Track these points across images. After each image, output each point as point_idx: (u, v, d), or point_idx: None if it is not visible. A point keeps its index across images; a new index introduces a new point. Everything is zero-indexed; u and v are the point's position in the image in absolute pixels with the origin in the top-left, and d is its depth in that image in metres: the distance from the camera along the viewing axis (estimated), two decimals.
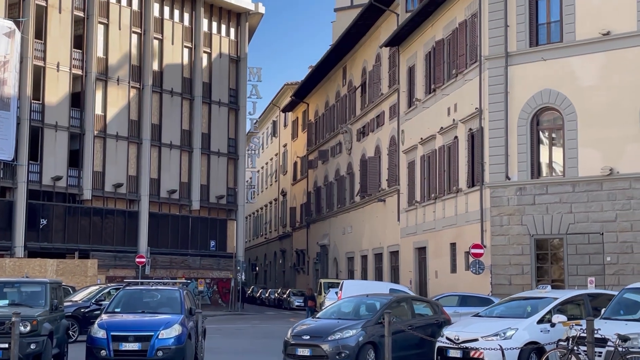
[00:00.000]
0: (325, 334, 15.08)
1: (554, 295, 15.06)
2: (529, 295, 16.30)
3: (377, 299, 16.39)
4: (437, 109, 34.54)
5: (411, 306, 16.66)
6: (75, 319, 22.86)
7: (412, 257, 37.69)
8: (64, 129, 43.44)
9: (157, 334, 14.19)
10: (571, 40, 26.62)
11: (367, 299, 16.68)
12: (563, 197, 26.31)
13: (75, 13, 44.31)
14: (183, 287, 16.25)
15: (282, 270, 73.43)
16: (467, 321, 15.51)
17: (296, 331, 15.67)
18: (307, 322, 16.50)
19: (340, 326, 15.18)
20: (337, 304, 17.23)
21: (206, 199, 50.82)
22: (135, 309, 15.39)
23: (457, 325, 15.34)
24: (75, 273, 35.38)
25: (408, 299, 17.17)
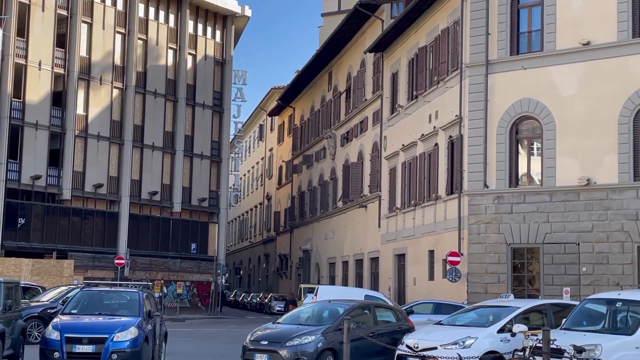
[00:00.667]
0: (283, 340, 14.89)
1: (517, 304, 14.94)
2: (492, 304, 16.16)
3: (340, 305, 16.20)
4: (418, 116, 34.48)
5: (374, 313, 16.47)
6: (42, 320, 22.57)
7: (392, 264, 37.57)
8: (44, 128, 43.11)
9: (112, 337, 13.98)
10: (551, 50, 26.59)
11: (330, 304, 16.49)
12: (540, 206, 26.24)
13: (58, 12, 44.01)
14: (143, 290, 16.02)
15: (266, 274, 73.26)
16: (428, 329, 15.38)
17: (255, 336, 15.47)
18: (267, 327, 16.31)
19: (299, 332, 14.99)
20: (300, 310, 17.04)
21: (188, 201, 50.55)
22: (93, 310, 15.15)
23: (418, 332, 15.20)
24: (51, 273, 35.07)
25: (371, 305, 16.98)
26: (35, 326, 22.40)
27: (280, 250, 66.05)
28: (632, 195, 24.49)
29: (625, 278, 24.14)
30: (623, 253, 24.50)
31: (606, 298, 13.48)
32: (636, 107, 24.73)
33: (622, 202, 24.68)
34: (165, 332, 16.18)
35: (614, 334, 12.41)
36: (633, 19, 25.11)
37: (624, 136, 24.76)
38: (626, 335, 12.16)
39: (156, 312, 14.95)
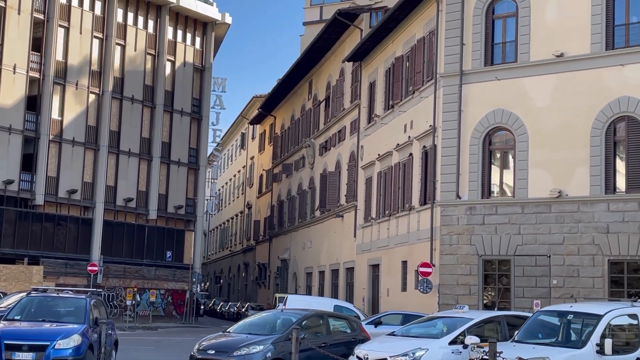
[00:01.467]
0: (231, 349, 14.56)
1: (471, 315, 14.70)
2: (446, 315, 15.91)
3: (294, 314, 15.88)
4: (394, 126, 34.29)
5: (327, 323, 16.16)
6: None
7: (366, 274, 37.31)
8: (18, 132, 42.63)
9: (53, 344, 13.61)
10: (525, 61, 26.48)
11: (283, 314, 16.17)
12: (512, 218, 26.06)
13: (35, 15, 43.62)
14: (91, 297, 15.65)
15: (245, 284, 72.85)
16: (381, 340, 15.11)
17: (202, 345, 15.13)
18: (216, 336, 15.97)
19: (247, 341, 14.66)
20: (253, 319, 16.70)
21: (164, 208, 50.13)
22: (37, 317, 14.79)
23: (370, 343, 14.93)
24: (19, 279, 34.57)
25: (324, 315, 16.65)
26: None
27: (259, 259, 65.70)
28: (603, 208, 24.34)
29: (596, 291, 23.98)
30: (594, 266, 24.34)
31: (558, 310, 13.26)
32: (608, 120, 24.61)
33: (593, 214, 24.53)
34: (115, 340, 15.82)
35: (564, 347, 12.19)
36: (606, 31, 25.02)
37: (596, 148, 24.63)
38: (575, 349, 11.94)
39: (103, 320, 14.57)
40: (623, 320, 12.46)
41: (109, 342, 14.84)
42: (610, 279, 24.11)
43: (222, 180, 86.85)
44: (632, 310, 12.65)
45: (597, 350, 11.61)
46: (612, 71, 24.77)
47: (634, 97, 24.21)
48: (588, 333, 11.91)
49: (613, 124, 24.67)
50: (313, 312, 16.41)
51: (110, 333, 15.12)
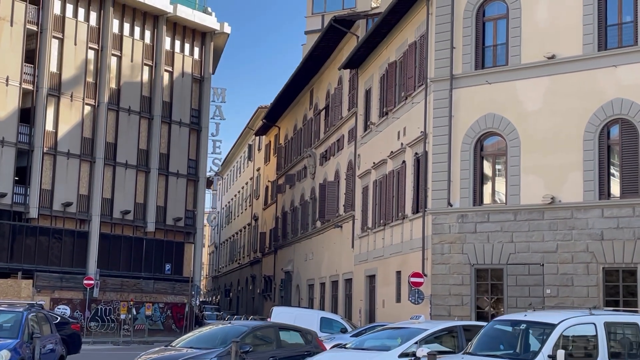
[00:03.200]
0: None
1: (425, 326, 13.91)
2: (402, 326, 15.10)
3: (245, 326, 15.14)
4: (388, 133, 33.55)
5: (278, 335, 15.39)
6: None
7: (363, 285, 36.50)
8: (11, 145, 42.20)
9: None
10: (516, 64, 25.68)
11: (234, 326, 15.41)
12: (504, 225, 25.22)
13: (28, 27, 43.30)
14: (30, 310, 14.97)
15: (252, 296, 72.17)
16: (330, 353, 14.37)
17: (143, 359, 14.43)
18: (156, 350, 15.24)
19: (186, 356, 13.94)
20: (201, 331, 15.92)
21: (162, 221, 49.53)
22: None
23: (320, 356, 14.16)
24: (7, 293, 34.03)
25: (275, 327, 15.89)
26: None
27: (265, 271, 65.03)
28: (597, 214, 23.47)
29: (590, 300, 23.05)
30: (588, 274, 23.46)
31: (511, 319, 12.44)
32: (601, 123, 23.77)
33: (587, 221, 23.66)
34: (60, 356, 15.15)
35: (514, 358, 11.35)
36: (599, 31, 24.21)
37: (589, 153, 23.79)
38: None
39: (38, 334, 13.85)
40: (579, 330, 11.60)
41: (51, 357, 14.15)
42: (605, 287, 23.21)
43: (231, 193, 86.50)
44: (590, 319, 11.79)
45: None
46: (605, 73, 23.94)
47: (627, 99, 23.37)
48: (540, 344, 11.07)
49: (606, 127, 23.82)
50: (262, 325, 15.69)
51: (53, 348, 14.45)
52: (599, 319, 11.73)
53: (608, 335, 11.38)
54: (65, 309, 43.35)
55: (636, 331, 11.87)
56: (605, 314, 12.35)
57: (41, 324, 14.93)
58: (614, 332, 11.71)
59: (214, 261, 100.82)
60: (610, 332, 11.56)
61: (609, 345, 11.35)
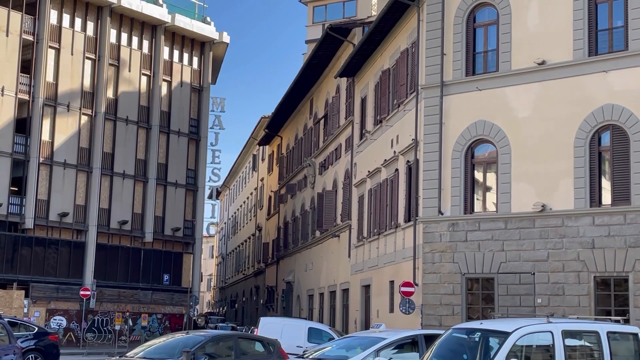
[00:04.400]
0: None
1: (385, 335, 13.53)
2: (363, 335, 14.71)
3: (203, 336, 14.80)
4: (382, 141, 33.23)
5: (237, 345, 15.02)
6: None
7: (359, 296, 36.11)
8: (6, 155, 42.07)
9: None
10: (506, 70, 25.33)
11: (192, 336, 15.06)
12: (495, 234, 24.82)
13: (24, 37, 43.20)
14: None
15: (256, 307, 71.78)
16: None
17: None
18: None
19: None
20: (162, 341, 15.56)
21: (161, 231, 49.27)
22: None
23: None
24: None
25: (234, 336, 15.55)
26: None
27: (268, 282, 64.67)
28: (588, 222, 23.05)
29: (582, 310, 22.63)
30: (579, 284, 23.03)
31: (467, 328, 12.02)
32: (592, 129, 23.38)
33: (578, 229, 23.24)
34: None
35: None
36: (589, 37, 23.85)
37: (580, 160, 23.39)
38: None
39: None
40: (535, 339, 11.16)
41: None
42: (597, 296, 22.77)
43: (237, 203, 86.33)
44: (546, 327, 11.34)
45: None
46: (595, 78, 23.55)
47: (618, 105, 22.98)
48: (493, 353, 10.65)
49: (597, 134, 23.43)
50: (221, 334, 15.34)
51: (13, 357, 14.17)
52: (556, 327, 11.29)
53: (566, 344, 10.95)
54: (62, 320, 43.14)
55: (597, 340, 11.46)
56: (563, 322, 11.90)
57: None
58: (573, 341, 11.28)
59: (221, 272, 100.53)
60: (569, 341, 11.13)
61: (566, 355, 10.92)
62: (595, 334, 11.59)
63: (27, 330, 24.67)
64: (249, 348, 15.44)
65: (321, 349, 14.48)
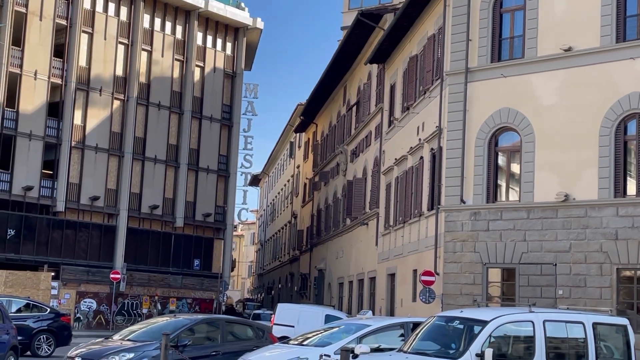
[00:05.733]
0: (97, 357, 13.44)
1: (369, 322, 13.24)
2: (349, 322, 14.42)
3: (189, 320, 14.67)
4: (409, 129, 32.83)
5: (224, 329, 14.83)
6: None
7: (385, 284, 35.84)
8: (38, 139, 42.49)
9: None
10: (532, 56, 24.75)
11: (178, 319, 14.91)
12: (517, 223, 24.34)
13: (57, 21, 43.53)
14: None
15: (290, 294, 71.88)
16: (267, 348, 13.80)
17: (74, 352, 14.07)
18: (92, 342, 14.87)
19: (118, 348, 13.51)
20: (150, 325, 15.42)
21: (192, 216, 49.45)
22: None
23: (256, 352, 13.62)
24: (26, 285, 34.13)
25: (221, 320, 15.34)
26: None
27: (302, 269, 64.69)
28: (612, 212, 22.48)
29: (603, 302, 22.06)
30: (601, 275, 22.49)
31: (446, 316, 11.67)
32: (618, 118, 22.75)
33: (602, 220, 22.68)
34: (13, 345, 14.94)
35: (441, 357, 10.60)
36: (617, 23, 23.18)
37: (605, 149, 22.79)
38: (450, 359, 10.34)
39: None
40: (515, 328, 10.77)
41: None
42: (619, 289, 22.22)
43: (275, 191, 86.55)
44: (527, 316, 10.92)
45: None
46: (622, 65, 22.90)
47: None
48: (469, 342, 10.31)
49: (623, 122, 22.80)
50: (207, 318, 15.20)
51: (5, 337, 14.21)
52: (538, 316, 10.89)
53: (547, 335, 10.55)
54: (92, 302, 43.58)
55: (582, 331, 11.04)
56: (546, 311, 11.49)
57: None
58: (555, 332, 10.86)
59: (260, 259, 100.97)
60: (551, 331, 10.73)
61: (548, 346, 10.53)
62: (580, 325, 11.19)
63: (39, 312, 25.02)
64: (237, 333, 15.26)
65: (306, 334, 14.30)
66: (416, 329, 12.26)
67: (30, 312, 24.68)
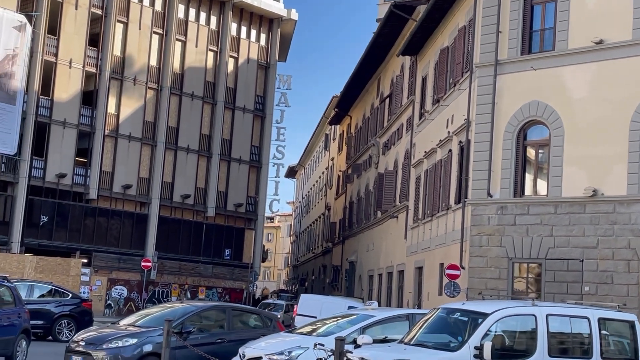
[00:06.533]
0: (101, 341, 13.49)
1: (374, 313, 13.11)
2: (357, 312, 14.30)
3: (195, 307, 14.66)
4: (439, 121, 32.60)
5: (230, 317, 14.79)
6: None
7: (412, 278, 35.69)
8: (72, 126, 42.95)
9: None
10: (563, 49, 24.37)
11: (185, 306, 14.91)
12: (544, 218, 24.01)
13: (92, 10, 43.94)
14: None
15: (323, 286, 71.94)
16: (272, 337, 13.76)
17: (79, 337, 14.15)
18: (99, 327, 14.95)
19: (123, 333, 13.56)
20: (158, 311, 15.45)
21: (223, 206, 49.66)
22: None
23: (259, 341, 13.58)
24: (56, 271, 34.54)
25: (227, 308, 15.31)
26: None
27: (334, 261, 64.71)
28: None
29: (630, 300, 21.72)
30: (629, 272, 22.12)
31: (449, 308, 11.48)
32: None
33: (630, 216, 22.29)
34: (24, 329, 15.09)
35: (439, 349, 10.43)
36: None
37: (635, 144, 22.37)
38: (448, 352, 10.17)
39: None
40: (517, 322, 10.55)
41: (8, 330, 14.04)
42: None
43: (310, 183, 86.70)
44: (529, 310, 10.68)
45: (475, 354, 9.85)
46: None
47: None
48: (469, 334, 10.13)
49: None
50: (213, 306, 15.20)
51: (12, 322, 14.34)
52: (540, 310, 10.66)
53: (550, 329, 10.32)
54: (122, 289, 44.00)
55: (587, 326, 10.78)
56: (550, 305, 11.24)
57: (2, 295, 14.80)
58: (559, 327, 10.62)
59: (295, 250, 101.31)
60: (555, 326, 10.49)
61: (550, 341, 10.31)
62: (585, 320, 10.93)
63: (61, 297, 25.37)
64: (244, 321, 15.26)
65: (311, 324, 14.25)
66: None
67: (52, 297, 25.10)
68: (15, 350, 14.61)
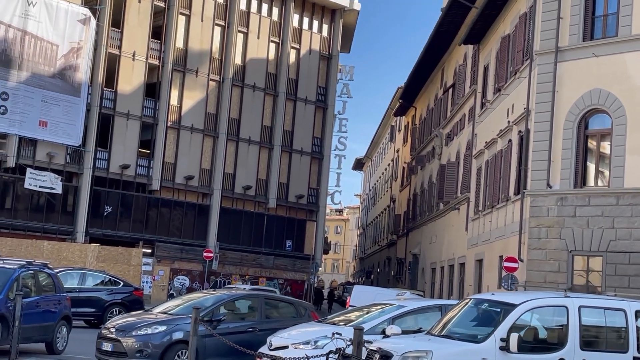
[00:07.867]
0: (130, 328, 13.44)
1: (405, 303, 12.76)
2: (389, 302, 13.95)
3: (227, 295, 14.53)
4: (500, 111, 31.92)
5: (262, 306, 14.55)
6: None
7: (473, 270, 35.11)
8: (136, 118, 43.52)
9: None
10: (626, 35, 23.52)
11: (218, 295, 14.78)
12: (606, 210, 23.25)
13: (155, 3, 44.39)
14: (27, 267, 14.92)
15: (387, 278, 71.64)
16: (301, 326, 13.52)
17: (111, 324, 14.15)
18: (132, 314, 14.92)
19: (152, 320, 13.49)
20: (192, 299, 15.33)
21: (284, 197, 49.71)
22: None
23: (287, 330, 13.35)
24: (117, 261, 35.02)
25: (261, 297, 15.10)
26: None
27: (398, 254, 64.33)
28: None
29: None
30: None
31: (478, 298, 11.03)
32: None
33: None
34: (65, 315, 15.21)
35: (465, 340, 10.00)
36: None
37: None
38: (474, 343, 9.74)
39: (20, 292, 13.76)
40: (547, 313, 10.05)
41: (47, 317, 14.17)
42: None
43: (377, 175, 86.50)
44: (561, 301, 10.15)
45: (501, 346, 9.44)
46: None
47: None
48: (495, 326, 9.70)
49: None
50: (246, 294, 15.02)
51: (50, 309, 14.46)
52: (573, 302, 10.14)
53: (583, 322, 9.80)
54: (184, 279, 44.44)
55: (623, 319, 10.22)
56: (583, 296, 10.70)
57: (39, 283, 14.95)
58: (592, 320, 10.10)
59: (362, 243, 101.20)
60: (588, 319, 9.98)
61: (582, 334, 9.81)
62: (621, 312, 10.40)
63: (113, 285, 25.77)
64: (277, 310, 15.11)
65: (348, 314, 14.02)
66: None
67: (104, 285, 25.53)
68: (55, 336, 14.81)
